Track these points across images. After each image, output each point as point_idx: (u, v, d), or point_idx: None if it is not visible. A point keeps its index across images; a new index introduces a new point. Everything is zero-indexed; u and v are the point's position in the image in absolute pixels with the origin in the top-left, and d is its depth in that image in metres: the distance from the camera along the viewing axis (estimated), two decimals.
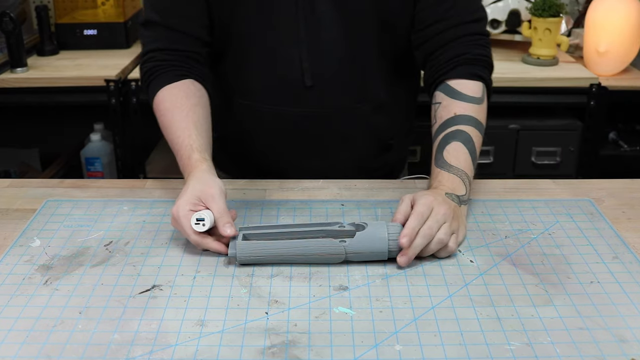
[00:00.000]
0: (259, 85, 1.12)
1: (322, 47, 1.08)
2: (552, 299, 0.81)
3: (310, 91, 1.10)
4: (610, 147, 2.15)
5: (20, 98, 1.97)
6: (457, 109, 1.04)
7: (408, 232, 0.86)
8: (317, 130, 1.14)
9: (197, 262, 0.89)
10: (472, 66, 1.07)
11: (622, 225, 0.99)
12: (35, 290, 0.83)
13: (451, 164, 0.98)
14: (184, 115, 1.03)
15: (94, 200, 1.06)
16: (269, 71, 1.11)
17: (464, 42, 1.08)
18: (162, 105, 1.06)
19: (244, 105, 1.15)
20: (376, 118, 1.16)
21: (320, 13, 1.06)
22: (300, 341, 0.74)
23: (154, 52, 1.10)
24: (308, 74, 1.09)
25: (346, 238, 0.88)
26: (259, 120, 1.15)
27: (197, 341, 0.74)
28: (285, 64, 1.09)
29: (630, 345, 0.73)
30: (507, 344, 0.73)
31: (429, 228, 0.87)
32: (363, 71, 1.11)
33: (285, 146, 1.17)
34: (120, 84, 1.96)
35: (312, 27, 1.07)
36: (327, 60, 1.09)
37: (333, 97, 1.12)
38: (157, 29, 1.10)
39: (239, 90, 1.15)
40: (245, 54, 1.11)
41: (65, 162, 2.31)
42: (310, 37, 1.07)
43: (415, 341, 0.74)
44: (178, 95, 1.06)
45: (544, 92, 1.94)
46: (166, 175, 2.15)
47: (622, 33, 1.94)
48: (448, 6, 1.07)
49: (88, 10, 2.25)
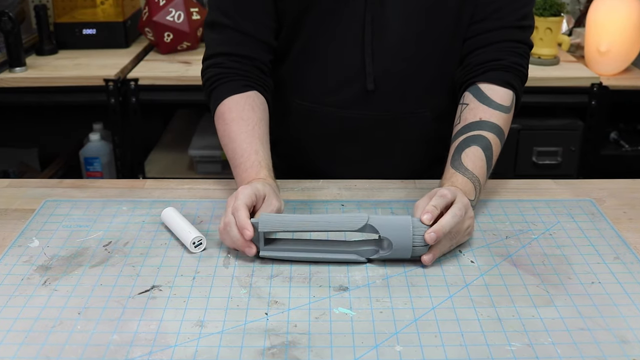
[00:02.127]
0: (320, 88, 1.11)
1: (387, 51, 1.07)
2: (553, 300, 0.81)
3: (371, 95, 1.09)
4: (611, 147, 2.15)
5: (19, 98, 1.97)
6: (483, 114, 1.03)
7: (438, 228, 0.86)
8: (374, 134, 1.13)
9: (196, 262, 0.89)
10: (506, 73, 1.06)
11: (624, 225, 0.99)
12: (34, 290, 0.83)
13: (467, 168, 0.98)
14: (251, 128, 1.02)
15: (93, 201, 1.06)
16: (331, 74, 1.10)
17: (503, 48, 1.06)
18: (227, 115, 1.04)
19: (303, 107, 1.14)
20: (434, 126, 1.15)
21: (388, 16, 1.05)
22: (300, 342, 0.73)
23: (220, 56, 1.08)
24: (370, 78, 1.08)
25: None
26: (317, 122, 1.14)
27: (196, 342, 0.73)
28: (348, 68, 1.08)
29: (632, 346, 0.73)
30: (508, 345, 0.73)
31: (457, 232, 0.88)
32: (425, 77, 1.10)
33: (340, 150, 1.16)
34: (120, 84, 1.96)
35: (379, 30, 1.05)
36: (390, 65, 1.08)
37: (393, 102, 1.10)
38: (226, 32, 1.07)
39: (299, 93, 1.14)
40: (308, 56, 1.10)
41: (64, 162, 2.31)
42: (376, 41, 1.06)
43: (415, 342, 0.73)
44: (244, 107, 1.04)
45: (545, 91, 1.94)
46: (165, 175, 2.16)
47: (624, 32, 1.94)
48: (497, 7, 1.05)
49: (87, 9, 2.25)
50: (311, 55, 1.10)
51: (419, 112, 1.13)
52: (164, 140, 2.39)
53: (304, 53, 1.10)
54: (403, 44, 1.07)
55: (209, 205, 1.04)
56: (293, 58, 1.12)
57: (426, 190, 1.09)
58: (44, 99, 1.98)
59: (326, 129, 1.15)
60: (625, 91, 1.97)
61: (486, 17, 1.06)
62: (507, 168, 2.05)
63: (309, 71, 1.11)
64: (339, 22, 1.06)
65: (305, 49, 1.10)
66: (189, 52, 2.15)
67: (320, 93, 1.12)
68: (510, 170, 2.06)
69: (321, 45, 1.09)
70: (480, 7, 1.06)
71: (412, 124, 1.13)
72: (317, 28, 1.07)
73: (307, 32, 1.08)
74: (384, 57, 1.07)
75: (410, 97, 1.11)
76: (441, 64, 1.10)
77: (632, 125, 2.23)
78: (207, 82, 1.09)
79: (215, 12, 1.09)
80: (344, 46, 1.07)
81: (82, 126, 2.27)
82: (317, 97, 1.12)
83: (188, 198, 1.07)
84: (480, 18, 1.06)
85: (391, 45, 1.07)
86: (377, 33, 1.06)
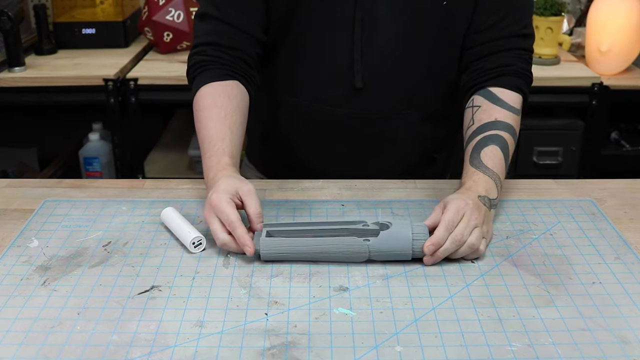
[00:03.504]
0: (309, 85, 1.11)
1: (376, 50, 1.07)
2: (554, 300, 0.81)
3: (359, 93, 1.09)
4: (612, 146, 2.15)
5: (18, 97, 1.97)
6: (498, 114, 1.04)
7: (435, 240, 0.86)
8: (363, 133, 1.13)
9: (196, 262, 0.89)
10: (516, 78, 1.08)
11: (624, 225, 0.98)
12: (33, 291, 0.83)
13: (487, 166, 0.98)
14: (222, 116, 1.02)
15: (92, 201, 1.05)
16: (321, 71, 1.10)
17: (511, 55, 1.08)
18: (202, 101, 1.05)
19: (293, 103, 1.14)
20: (423, 127, 1.15)
21: (378, 14, 1.05)
22: (300, 342, 0.73)
23: (206, 45, 1.09)
24: (359, 76, 1.08)
25: (370, 237, 0.87)
26: (307, 119, 1.14)
27: (196, 342, 0.73)
28: (337, 65, 1.08)
29: (633, 346, 0.73)
30: (509, 345, 0.73)
31: (460, 234, 0.87)
32: (414, 77, 1.10)
33: (328, 147, 1.16)
34: (119, 84, 1.95)
35: (369, 28, 1.06)
36: (379, 64, 1.08)
37: (381, 100, 1.10)
38: (214, 23, 1.08)
39: (289, 89, 1.14)
40: (298, 52, 1.10)
41: (63, 162, 2.30)
42: (365, 39, 1.06)
43: (415, 342, 0.73)
44: (220, 94, 1.04)
45: (545, 91, 1.94)
46: (165, 175, 2.15)
47: (625, 32, 1.94)
48: (498, 18, 1.07)
49: (86, 9, 2.25)
50: (301, 52, 1.10)
51: (407, 111, 1.13)
52: (164, 140, 2.39)
53: (294, 49, 1.11)
54: (392, 43, 1.07)
55: None
56: (283, 54, 1.12)
57: (426, 190, 1.09)
58: (43, 99, 1.98)
59: (316, 126, 1.15)
60: (626, 91, 1.96)
61: (488, 28, 1.08)
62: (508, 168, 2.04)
63: (299, 68, 1.11)
64: (329, 19, 1.06)
65: (296, 46, 1.10)
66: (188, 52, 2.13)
67: (310, 90, 1.12)
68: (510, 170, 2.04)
69: (311, 41, 1.09)
70: (482, 18, 1.07)
71: (401, 123, 1.13)
72: (308, 24, 1.07)
73: (298, 29, 1.08)
74: (373, 55, 1.07)
75: (399, 96, 1.11)
76: (431, 64, 1.10)
77: (632, 125, 2.23)
78: (190, 69, 1.10)
79: (205, 3, 1.10)
80: (333, 43, 1.08)
81: (82, 126, 2.27)
82: (306, 94, 1.12)
83: (187, 198, 1.07)
84: (482, 28, 1.08)
85: (381, 43, 1.07)
86: (367, 31, 1.06)
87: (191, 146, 2.17)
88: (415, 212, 1.02)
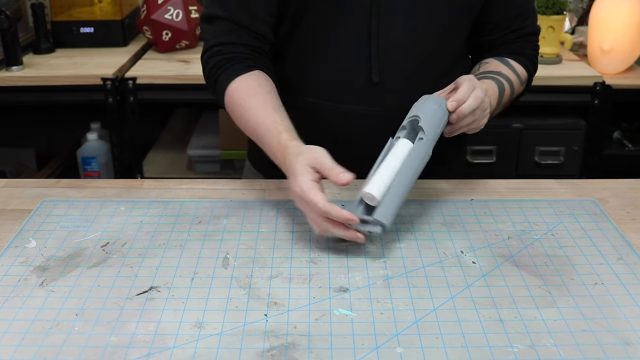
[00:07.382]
0: (324, 82, 1.10)
1: (393, 44, 1.07)
2: (556, 301, 0.80)
3: (376, 89, 1.09)
4: (614, 146, 2.14)
5: (16, 97, 1.96)
6: (504, 70, 1.12)
7: (458, 97, 0.95)
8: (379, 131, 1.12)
9: (195, 263, 0.88)
10: (528, 61, 1.16)
11: (627, 225, 0.98)
12: (30, 291, 0.82)
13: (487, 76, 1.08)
14: (262, 101, 1.02)
15: (90, 201, 1.05)
16: (337, 67, 1.09)
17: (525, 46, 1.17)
18: (236, 94, 1.04)
19: (308, 103, 1.13)
20: None
21: (394, 9, 1.05)
22: (300, 343, 0.73)
23: (221, 46, 1.08)
24: (376, 70, 1.07)
25: (418, 131, 0.96)
26: (322, 118, 1.13)
27: (195, 343, 0.73)
28: (353, 60, 1.08)
29: (636, 348, 0.72)
30: (510, 347, 0.72)
31: (482, 92, 0.97)
32: (431, 74, 1.10)
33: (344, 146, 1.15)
34: (117, 83, 1.95)
35: (385, 23, 1.05)
36: (396, 59, 1.07)
37: (398, 97, 1.10)
38: (223, 24, 1.08)
39: (303, 89, 1.13)
40: (312, 49, 1.10)
41: (61, 161, 2.30)
42: (382, 34, 1.06)
43: (416, 343, 0.73)
44: (251, 84, 1.04)
45: (547, 90, 1.93)
46: (164, 175, 2.15)
47: (627, 31, 1.93)
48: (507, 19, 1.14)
49: (84, 7, 2.24)
50: (316, 49, 1.09)
51: None
52: (163, 139, 2.38)
53: (308, 47, 1.10)
54: (409, 39, 1.07)
55: (207, 205, 1.03)
56: (296, 52, 1.11)
57: (427, 190, 1.09)
58: (41, 98, 1.97)
59: (331, 125, 1.14)
60: (628, 90, 1.96)
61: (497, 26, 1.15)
62: (509, 168, 2.04)
63: (312, 65, 1.10)
64: (345, 13, 1.06)
65: (310, 42, 1.09)
66: (187, 51, 2.14)
67: (324, 88, 1.11)
68: (512, 170, 2.05)
69: (327, 37, 1.08)
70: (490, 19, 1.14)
71: None
72: (320, 21, 1.07)
73: (312, 24, 1.08)
74: (390, 50, 1.07)
75: (416, 92, 1.10)
76: (447, 60, 1.11)
77: (635, 125, 2.22)
78: (210, 73, 1.09)
79: (211, 5, 1.09)
80: (350, 38, 1.07)
81: (80, 126, 2.26)
82: (321, 92, 1.11)
83: (187, 198, 1.06)
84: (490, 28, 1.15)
85: (397, 39, 1.06)
86: (384, 26, 1.05)
87: (190, 146, 2.16)
88: (415, 211, 1.01)
